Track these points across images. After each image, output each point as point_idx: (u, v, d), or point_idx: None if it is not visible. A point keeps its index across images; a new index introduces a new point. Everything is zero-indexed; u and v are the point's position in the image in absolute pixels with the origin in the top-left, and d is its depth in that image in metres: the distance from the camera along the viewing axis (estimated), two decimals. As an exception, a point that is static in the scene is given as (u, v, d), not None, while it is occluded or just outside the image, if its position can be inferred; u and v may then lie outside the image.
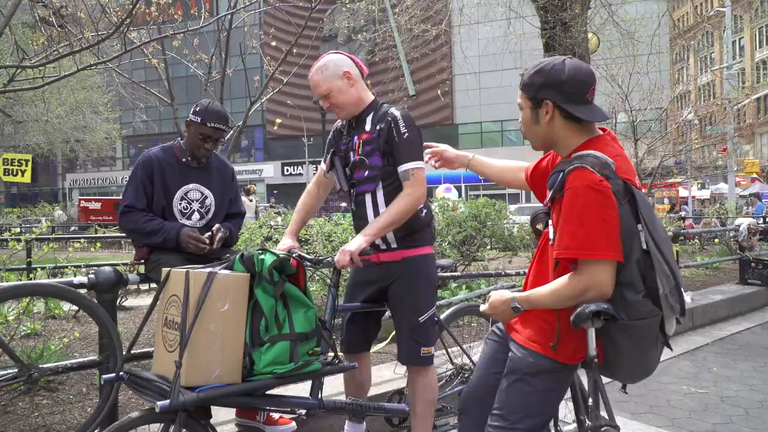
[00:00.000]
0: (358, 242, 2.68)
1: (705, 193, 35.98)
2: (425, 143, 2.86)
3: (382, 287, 2.98)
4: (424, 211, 2.93)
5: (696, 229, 15.52)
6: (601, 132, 2.07)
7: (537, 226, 2.17)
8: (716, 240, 13.12)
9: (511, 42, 10.45)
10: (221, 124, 3.21)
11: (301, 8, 8.46)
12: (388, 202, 2.84)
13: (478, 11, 11.01)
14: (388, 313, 3.08)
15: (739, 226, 10.45)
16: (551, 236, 2.03)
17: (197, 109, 3.21)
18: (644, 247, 1.86)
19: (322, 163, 3.15)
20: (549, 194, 1.99)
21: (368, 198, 2.91)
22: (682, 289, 1.90)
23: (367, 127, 2.90)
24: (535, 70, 2.03)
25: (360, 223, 2.96)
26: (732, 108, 25.03)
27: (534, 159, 2.43)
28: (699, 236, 14.72)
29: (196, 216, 3.27)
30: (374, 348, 4.52)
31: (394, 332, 5.06)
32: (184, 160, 3.29)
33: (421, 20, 10.76)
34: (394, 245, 2.90)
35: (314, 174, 3.26)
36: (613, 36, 10.72)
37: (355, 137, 2.93)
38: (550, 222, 2.05)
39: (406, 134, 2.81)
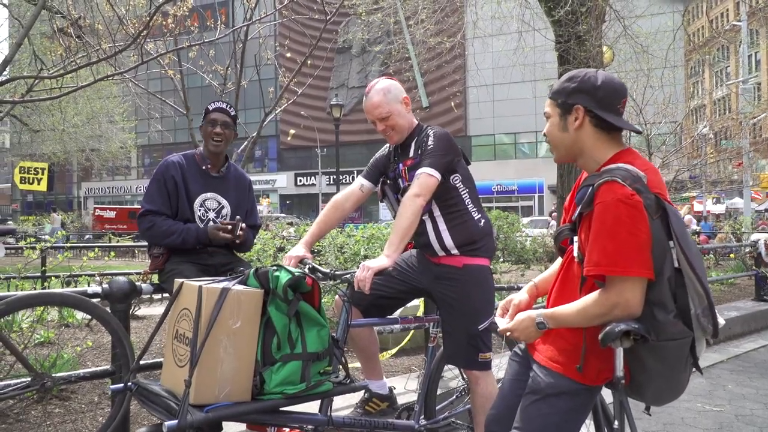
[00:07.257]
0: (380, 262, 2.68)
1: (720, 208, 35.61)
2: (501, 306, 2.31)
3: (428, 290, 3.04)
4: (482, 221, 3.00)
5: (711, 244, 15.38)
6: (627, 146, 2.01)
7: (562, 244, 2.09)
8: (731, 255, 12.97)
9: (524, 55, 10.45)
10: (221, 104, 3.36)
11: (316, 20, 8.51)
12: (446, 220, 2.93)
13: (492, 24, 11.02)
14: (398, 327, 3.06)
15: (756, 241, 10.32)
16: (576, 253, 1.97)
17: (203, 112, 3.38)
18: (676, 264, 1.79)
19: (361, 177, 3.20)
20: (577, 209, 1.92)
21: (427, 219, 2.96)
22: (715, 309, 1.81)
23: (411, 153, 2.99)
24: (566, 77, 2.00)
25: (421, 240, 3.02)
26: (748, 122, 24.83)
27: (547, 169, 2.34)
28: (714, 251, 14.58)
29: (211, 225, 3.29)
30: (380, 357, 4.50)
31: (402, 344, 5.07)
32: (204, 167, 3.37)
33: (436, 33, 10.78)
34: (454, 251, 2.95)
35: (328, 184, 3.29)
36: (628, 50, 10.68)
37: (400, 164, 3.03)
38: (575, 239, 1.98)
39: (430, 145, 2.89)
